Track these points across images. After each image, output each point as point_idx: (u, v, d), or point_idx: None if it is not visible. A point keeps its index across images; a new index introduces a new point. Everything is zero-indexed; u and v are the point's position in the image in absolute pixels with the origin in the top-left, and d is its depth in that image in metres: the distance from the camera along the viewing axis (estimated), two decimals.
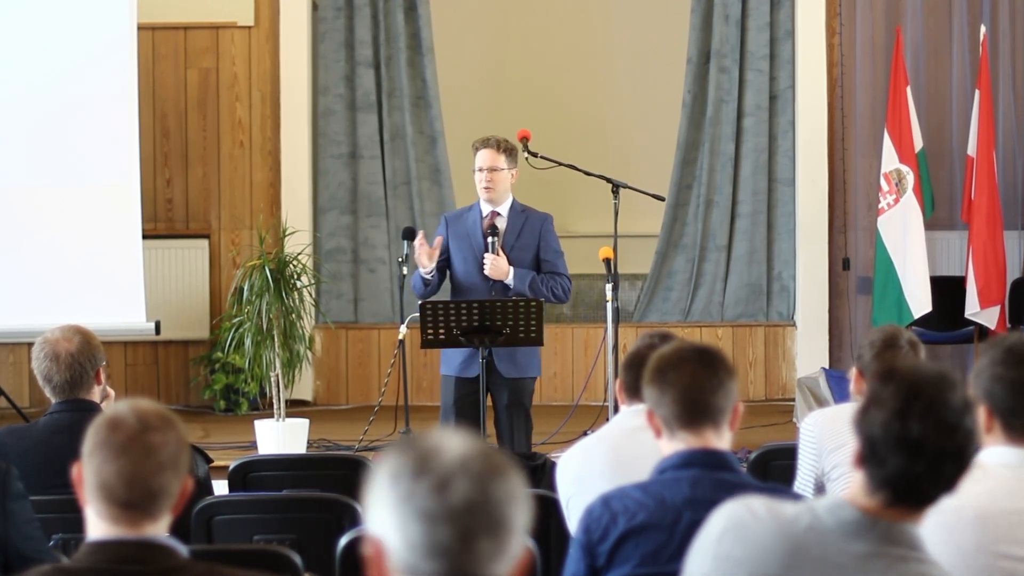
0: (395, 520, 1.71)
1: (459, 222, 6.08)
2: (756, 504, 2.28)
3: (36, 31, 7.91)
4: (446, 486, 1.70)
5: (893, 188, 7.97)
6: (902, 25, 8.58)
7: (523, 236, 6.00)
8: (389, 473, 1.73)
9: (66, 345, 3.85)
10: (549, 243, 6.04)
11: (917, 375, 2.22)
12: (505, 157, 5.97)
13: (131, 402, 2.38)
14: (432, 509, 1.70)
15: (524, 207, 6.08)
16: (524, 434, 5.98)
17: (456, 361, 5.89)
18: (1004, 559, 2.63)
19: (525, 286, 5.90)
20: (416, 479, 1.71)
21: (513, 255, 5.95)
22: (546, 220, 6.09)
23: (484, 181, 5.97)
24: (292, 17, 8.90)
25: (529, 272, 5.95)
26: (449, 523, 1.69)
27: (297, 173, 8.95)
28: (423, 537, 1.70)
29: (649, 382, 2.87)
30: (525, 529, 1.76)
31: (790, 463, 4.07)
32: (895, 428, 2.18)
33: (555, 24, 10.33)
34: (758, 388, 8.91)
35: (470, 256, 5.98)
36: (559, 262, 6.04)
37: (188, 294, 8.82)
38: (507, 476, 1.75)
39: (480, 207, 6.06)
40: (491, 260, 5.89)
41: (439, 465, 1.71)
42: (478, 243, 5.97)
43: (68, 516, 3.59)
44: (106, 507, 2.32)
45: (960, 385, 2.23)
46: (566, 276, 6.06)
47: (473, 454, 1.73)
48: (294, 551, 3.23)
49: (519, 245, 5.99)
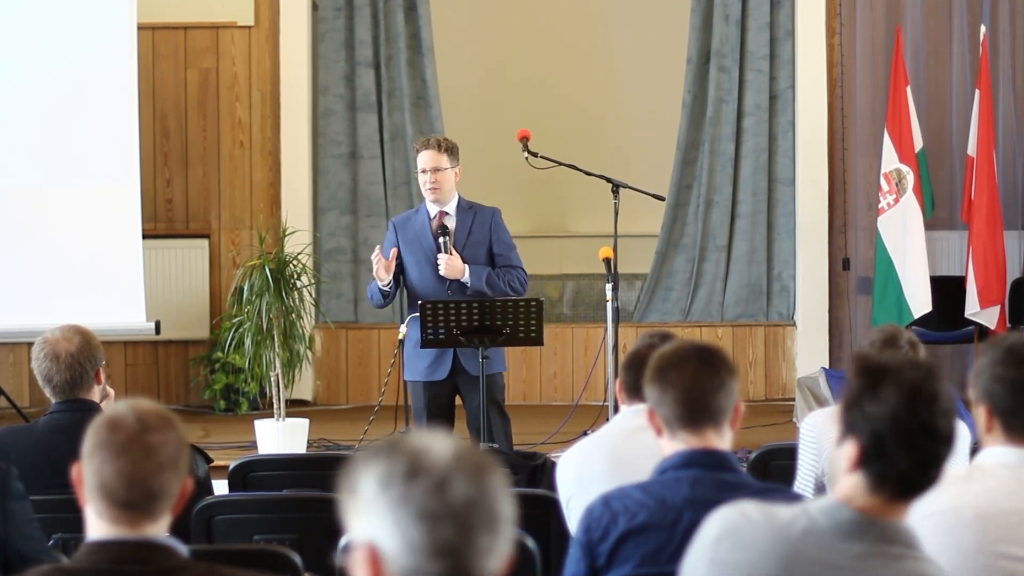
0: (392, 524, 1.71)
1: (407, 226, 6.02)
2: (750, 509, 2.28)
3: (36, 31, 7.91)
4: (445, 485, 1.71)
5: (893, 188, 7.97)
6: (902, 25, 8.58)
7: (473, 233, 5.96)
8: (377, 478, 1.72)
9: (66, 345, 3.85)
10: (500, 237, 6.00)
11: (904, 367, 2.23)
12: (447, 156, 5.95)
13: (131, 402, 2.38)
14: (433, 509, 1.70)
15: (471, 203, 6.04)
16: (503, 431, 5.92)
17: (421, 366, 5.87)
18: (1004, 559, 2.63)
19: (482, 282, 5.87)
20: (411, 481, 1.71)
21: (466, 252, 5.91)
22: (495, 214, 6.05)
23: (429, 183, 5.93)
24: (292, 17, 8.90)
25: (485, 268, 5.92)
26: (451, 521, 1.70)
27: (297, 173, 8.95)
28: (426, 537, 1.70)
29: (650, 381, 2.87)
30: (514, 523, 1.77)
31: (790, 463, 4.07)
32: (905, 422, 2.18)
33: (555, 24, 10.33)
34: (758, 388, 8.91)
35: (423, 259, 5.94)
36: (512, 255, 6.00)
37: (188, 294, 8.82)
38: (495, 472, 1.76)
39: (427, 208, 6.02)
40: (445, 260, 5.84)
41: (433, 465, 1.72)
42: (429, 245, 5.93)
43: (68, 516, 3.59)
44: (106, 507, 2.32)
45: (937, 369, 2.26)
46: (521, 268, 6.02)
47: (463, 452, 1.75)
48: (294, 551, 3.23)
49: (471, 242, 5.95)
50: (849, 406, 2.23)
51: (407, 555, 1.71)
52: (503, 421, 5.94)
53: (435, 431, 1.81)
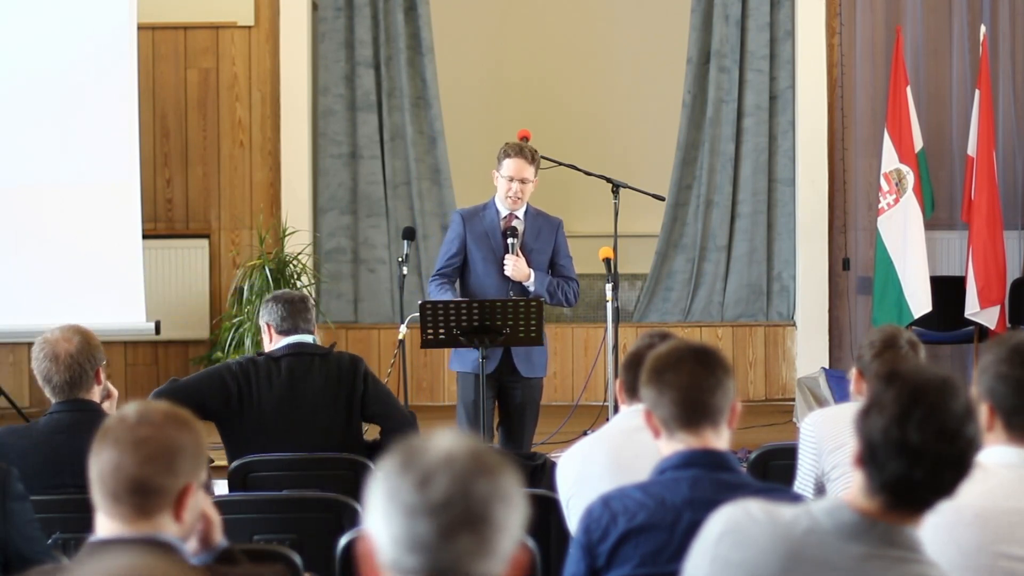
0: (382, 516, 1.76)
1: (476, 220, 6.00)
2: (754, 507, 2.28)
3: (36, 31, 7.90)
4: (427, 481, 1.74)
5: (893, 188, 7.97)
6: (902, 25, 8.57)
7: (540, 239, 6.00)
8: (382, 471, 1.78)
9: (66, 345, 3.85)
10: (563, 248, 6.06)
11: (919, 380, 2.22)
12: (534, 168, 5.94)
13: (143, 402, 2.39)
14: (413, 503, 1.74)
15: (537, 210, 6.07)
16: (531, 433, 6.00)
17: (470, 357, 5.79)
18: (1004, 559, 2.63)
19: (544, 289, 5.90)
20: (401, 475, 1.76)
21: (531, 257, 5.95)
22: (560, 225, 6.10)
23: (515, 192, 5.89)
24: (292, 17, 8.90)
25: (547, 276, 5.97)
26: (428, 517, 1.73)
27: (297, 173, 8.94)
28: (404, 531, 1.74)
29: (647, 383, 2.86)
30: (517, 528, 1.77)
31: (790, 463, 4.07)
32: (894, 434, 2.18)
33: (555, 24, 10.33)
34: (758, 388, 8.91)
35: (490, 256, 5.93)
36: (571, 267, 6.07)
37: (188, 294, 8.82)
38: (495, 474, 1.77)
39: (496, 207, 6.01)
40: (513, 261, 5.86)
41: (423, 461, 1.76)
42: (498, 243, 5.93)
43: (68, 516, 3.59)
44: (101, 500, 2.32)
45: (963, 391, 2.23)
46: (576, 281, 6.09)
47: (461, 451, 1.77)
48: (294, 551, 3.22)
49: (537, 248, 5.98)
50: (863, 408, 2.24)
51: (391, 547, 1.75)
52: (534, 424, 6.01)
53: (473, 429, 1.85)
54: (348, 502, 3.92)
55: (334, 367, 4.84)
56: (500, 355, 5.83)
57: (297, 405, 4.74)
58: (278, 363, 4.79)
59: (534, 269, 5.92)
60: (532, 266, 5.93)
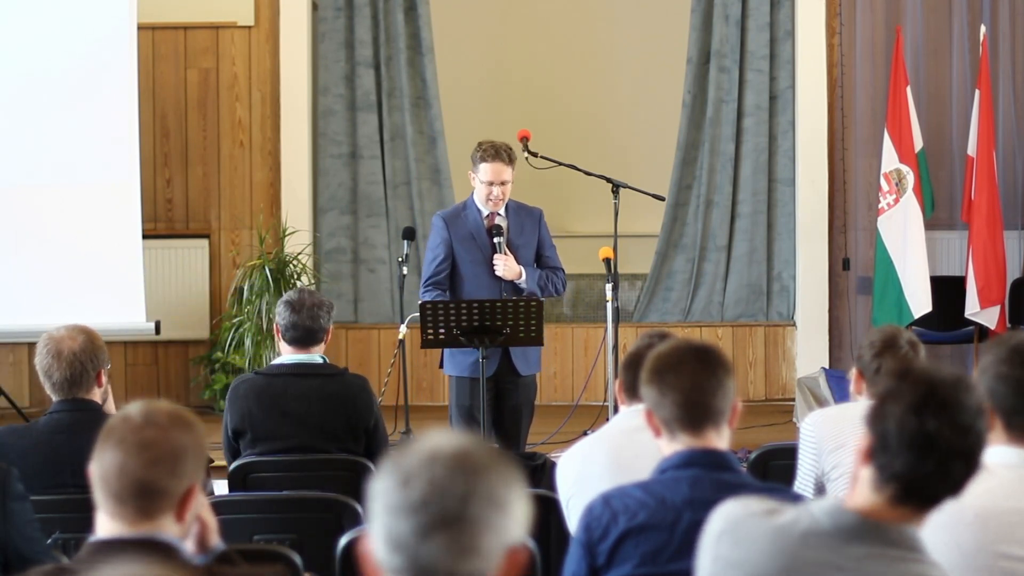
0: (374, 515, 1.79)
1: (459, 223, 5.93)
2: (754, 506, 2.28)
3: (36, 31, 7.90)
4: (408, 481, 1.76)
5: (893, 188, 7.97)
6: (902, 25, 8.57)
7: (525, 234, 5.96)
8: (379, 471, 1.81)
9: (69, 343, 3.85)
10: (547, 239, 6.03)
11: (935, 376, 2.24)
12: (512, 168, 5.89)
13: (146, 402, 2.39)
14: (394, 503, 1.76)
15: (518, 204, 6.01)
16: (527, 431, 5.99)
17: (467, 361, 5.77)
18: (1004, 559, 2.63)
19: (535, 285, 5.88)
20: (388, 475, 1.79)
21: (519, 253, 5.91)
22: (541, 215, 6.04)
23: (495, 196, 5.84)
24: (292, 17, 8.90)
25: (536, 270, 5.94)
26: (406, 516, 1.75)
27: (297, 173, 8.94)
28: (386, 530, 1.77)
29: (647, 383, 2.86)
30: (509, 527, 1.77)
31: (790, 463, 4.07)
32: (911, 423, 2.18)
33: (555, 24, 10.33)
34: (758, 388, 8.91)
35: (478, 257, 5.88)
36: (556, 256, 6.05)
37: (188, 294, 8.81)
38: (479, 474, 1.78)
39: (476, 206, 5.95)
40: (503, 261, 5.81)
41: (407, 461, 1.78)
42: (484, 244, 5.87)
43: (68, 516, 3.59)
44: (103, 500, 2.32)
45: (975, 388, 2.24)
46: (562, 270, 6.07)
47: (446, 451, 1.79)
48: (294, 551, 3.22)
49: (523, 243, 5.94)
50: (876, 402, 2.25)
51: (379, 546, 1.78)
52: (530, 422, 5.99)
53: (470, 431, 1.86)
54: (348, 502, 3.92)
55: (339, 387, 4.63)
56: (499, 356, 5.79)
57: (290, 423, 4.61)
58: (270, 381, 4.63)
59: (522, 265, 5.88)
60: (520, 262, 5.88)
